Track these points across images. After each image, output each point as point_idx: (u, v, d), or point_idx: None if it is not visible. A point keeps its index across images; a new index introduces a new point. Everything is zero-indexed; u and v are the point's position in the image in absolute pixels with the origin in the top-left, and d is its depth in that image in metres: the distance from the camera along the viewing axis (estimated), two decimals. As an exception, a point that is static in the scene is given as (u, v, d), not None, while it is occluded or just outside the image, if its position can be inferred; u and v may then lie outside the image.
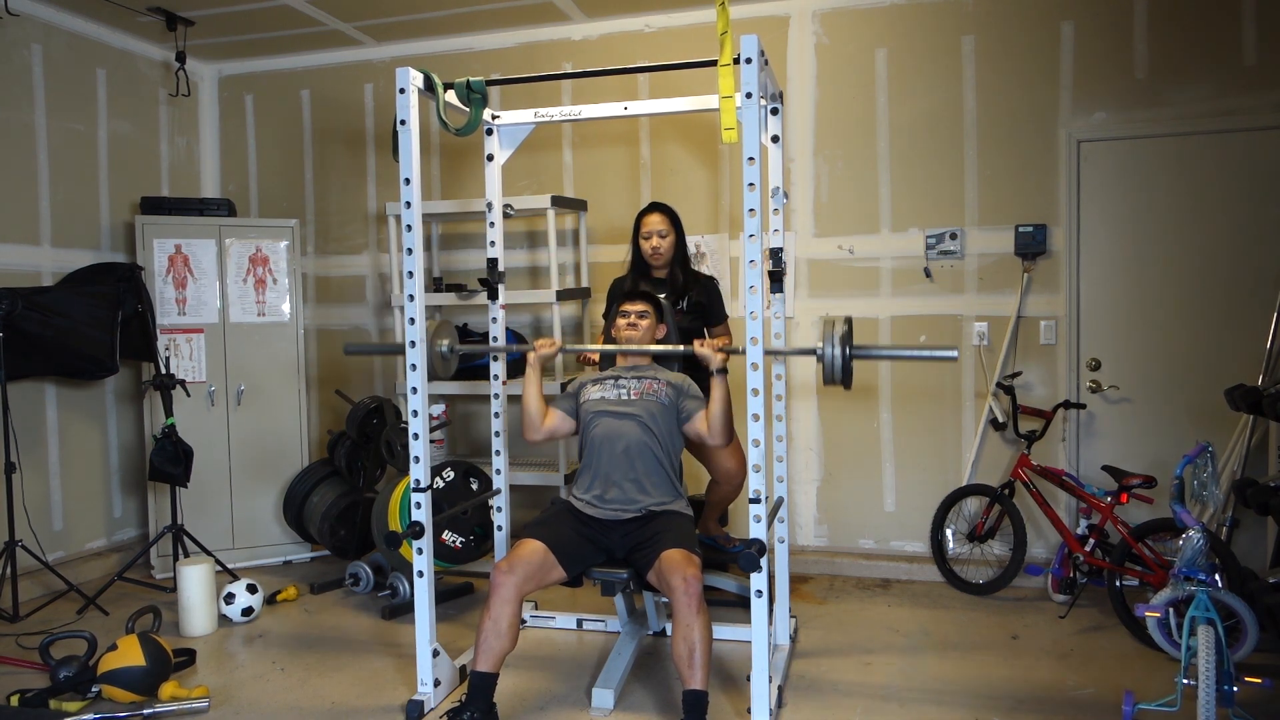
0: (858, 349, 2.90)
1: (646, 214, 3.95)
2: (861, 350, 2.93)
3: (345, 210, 5.52)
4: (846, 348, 2.85)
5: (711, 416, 3.22)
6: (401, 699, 3.24)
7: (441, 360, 3.41)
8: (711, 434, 3.24)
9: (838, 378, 2.88)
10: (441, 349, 3.40)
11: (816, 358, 2.91)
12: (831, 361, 2.86)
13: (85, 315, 4.35)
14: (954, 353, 2.91)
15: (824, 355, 2.88)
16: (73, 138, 4.83)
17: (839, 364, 2.86)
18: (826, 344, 2.87)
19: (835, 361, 2.86)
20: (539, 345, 3.43)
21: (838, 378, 2.88)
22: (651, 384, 3.34)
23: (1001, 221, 4.45)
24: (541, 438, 3.41)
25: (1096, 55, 4.29)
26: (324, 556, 5.02)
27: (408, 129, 3.08)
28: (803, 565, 4.66)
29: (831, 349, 2.86)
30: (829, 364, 2.87)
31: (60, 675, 3.23)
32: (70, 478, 4.77)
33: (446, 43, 5.21)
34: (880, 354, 3.44)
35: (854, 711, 3.13)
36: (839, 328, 2.88)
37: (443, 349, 3.41)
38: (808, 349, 3.02)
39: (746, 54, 2.74)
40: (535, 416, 3.38)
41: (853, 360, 2.87)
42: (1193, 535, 2.89)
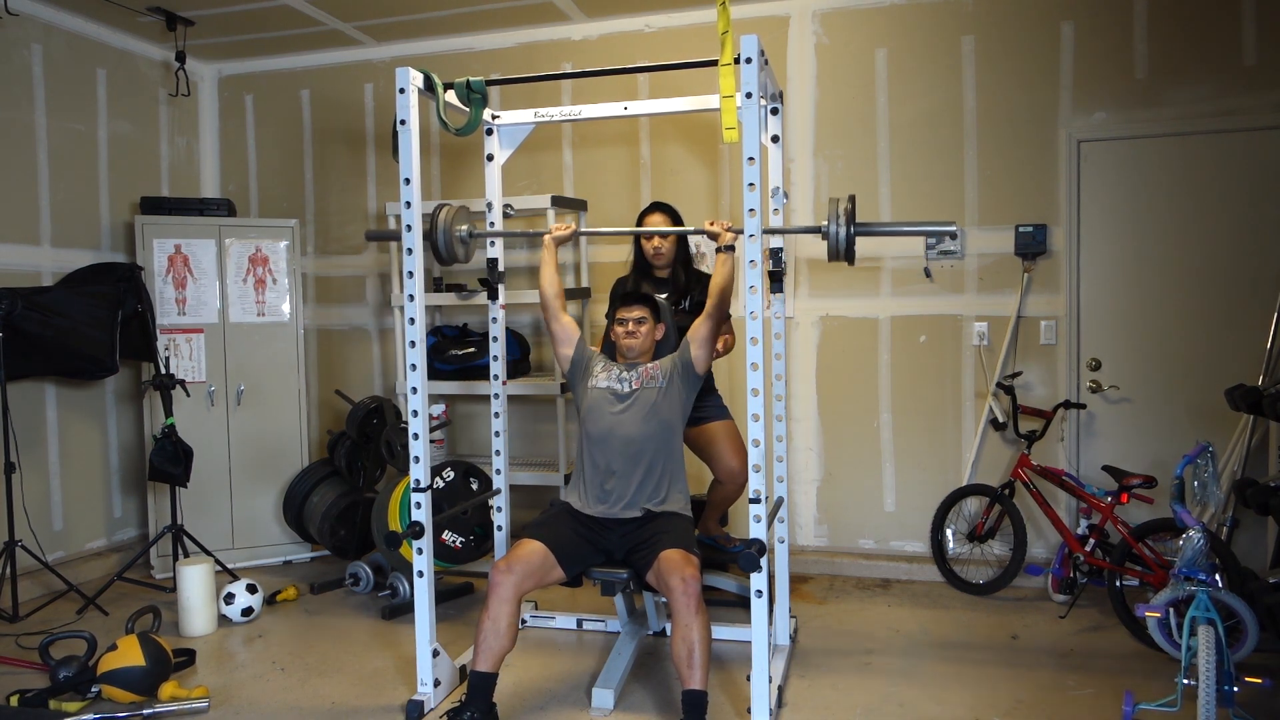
0: (860, 225, 3.07)
1: (648, 214, 3.95)
2: (864, 226, 3.11)
3: (345, 210, 5.52)
4: (850, 224, 3.02)
5: (714, 286, 3.25)
6: (401, 699, 3.24)
7: (461, 245, 3.48)
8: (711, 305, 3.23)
9: (842, 252, 3.05)
10: (460, 233, 3.48)
11: (821, 235, 3.06)
12: (836, 236, 3.02)
13: (85, 315, 4.35)
14: (953, 226, 3.08)
15: (829, 232, 3.04)
16: (73, 138, 4.83)
17: (843, 238, 3.02)
18: (831, 221, 3.03)
19: (839, 236, 3.02)
20: (554, 229, 3.51)
21: (842, 252, 3.05)
22: (649, 370, 3.33)
23: (1001, 221, 4.45)
24: (553, 308, 3.44)
25: (1096, 55, 4.29)
26: (324, 556, 5.02)
27: (408, 129, 3.08)
28: (803, 565, 4.66)
29: (836, 225, 3.02)
30: (833, 239, 3.03)
31: (60, 675, 3.23)
32: (70, 478, 4.77)
33: (446, 43, 5.21)
34: (882, 230, 3.68)
35: (854, 711, 3.13)
36: (843, 205, 3.03)
37: (461, 233, 3.49)
38: (813, 227, 3.17)
39: (747, 54, 2.74)
40: (552, 298, 3.44)
41: (856, 235, 3.03)
42: (1193, 535, 2.89)
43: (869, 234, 3.25)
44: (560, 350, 3.45)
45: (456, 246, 3.46)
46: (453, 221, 3.46)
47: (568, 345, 3.43)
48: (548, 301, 3.45)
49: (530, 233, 3.63)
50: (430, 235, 3.42)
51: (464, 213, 3.54)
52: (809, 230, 3.21)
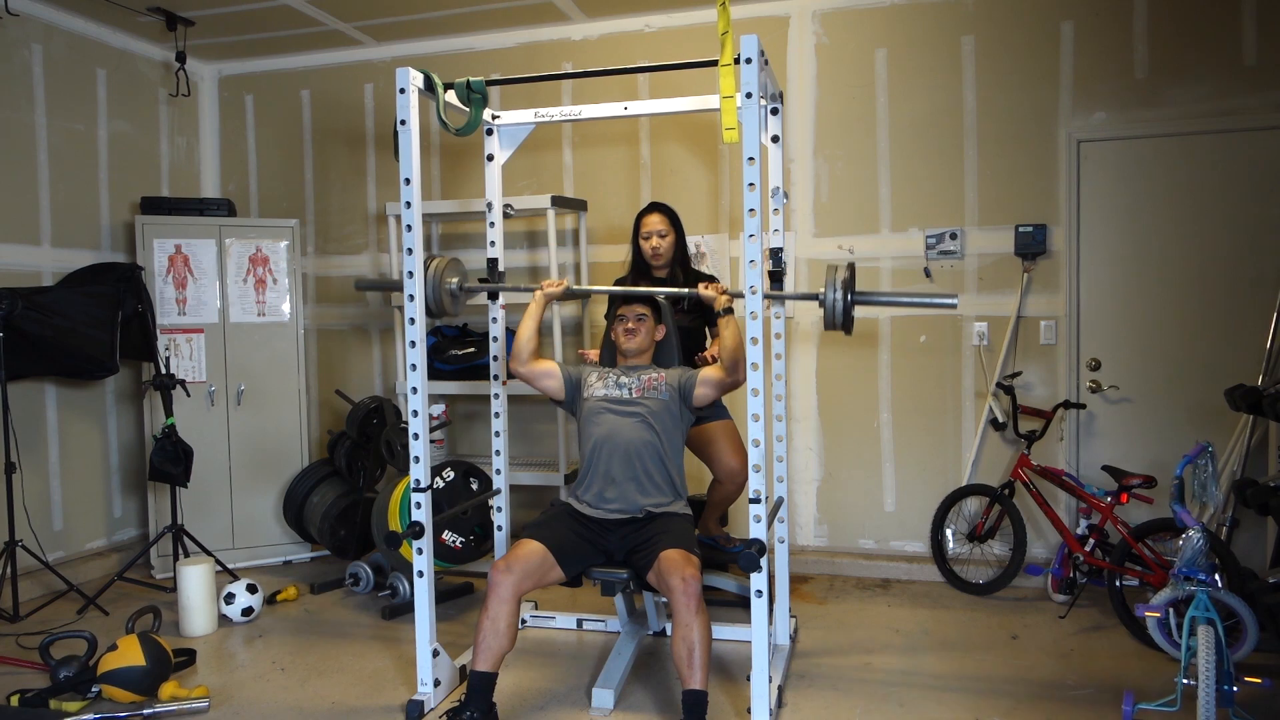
0: (859, 294, 2.97)
1: (646, 214, 3.95)
2: (863, 295, 3.01)
3: (345, 210, 5.52)
4: (849, 293, 2.93)
5: (723, 350, 3.17)
6: (401, 699, 3.25)
7: (450, 298, 3.39)
8: (725, 368, 3.17)
9: (839, 322, 2.95)
10: (450, 286, 3.40)
11: (819, 302, 2.97)
12: (833, 306, 2.93)
13: (85, 315, 4.35)
14: (954, 300, 3.00)
15: (826, 300, 2.94)
16: (73, 138, 4.83)
17: (840, 309, 2.92)
18: (829, 289, 2.94)
19: (837, 306, 2.93)
20: (545, 284, 3.43)
21: (839, 322, 2.95)
22: (652, 379, 3.33)
23: (1001, 221, 4.45)
24: (523, 372, 3.36)
25: (1096, 55, 4.29)
26: (324, 556, 5.02)
27: (408, 129, 3.08)
28: (803, 565, 4.66)
29: (834, 294, 2.93)
30: (830, 309, 2.93)
31: (60, 675, 3.24)
32: (70, 478, 4.78)
33: (446, 43, 5.21)
34: (881, 299, 3.57)
35: (854, 711, 3.13)
36: (841, 273, 2.95)
37: (451, 286, 3.41)
38: (810, 294, 3.08)
39: (747, 54, 2.74)
40: (524, 348, 3.34)
41: (854, 305, 2.94)
42: (1193, 535, 2.89)
43: (867, 303, 3.15)
44: (543, 385, 3.40)
45: (446, 300, 3.36)
46: (443, 274, 3.34)
47: (549, 378, 3.40)
48: (519, 350, 3.33)
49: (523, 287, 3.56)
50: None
51: (455, 265, 3.44)
52: (807, 297, 3.12)
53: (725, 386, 3.24)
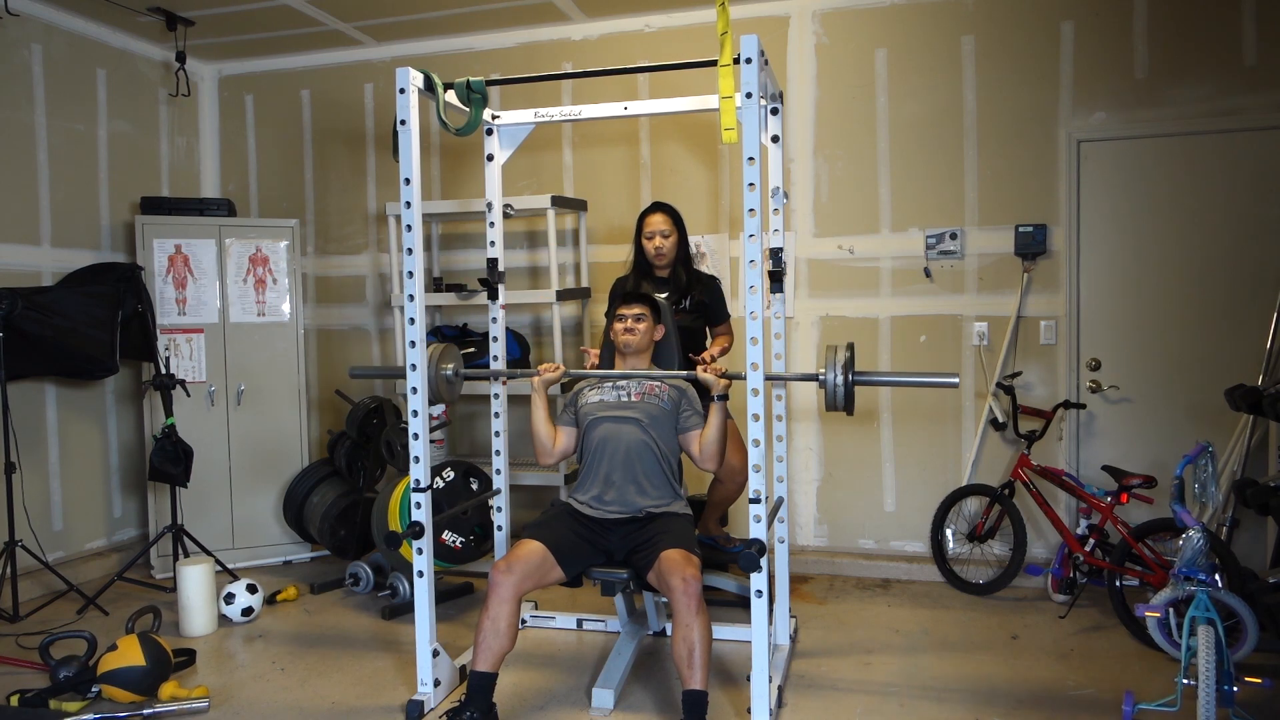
0: (859, 375, 2.93)
1: (649, 214, 3.95)
2: (863, 376, 2.96)
3: (345, 210, 5.52)
4: (849, 374, 2.90)
5: (705, 441, 3.20)
6: (401, 699, 3.25)
7: (446, 384, 3.39)
8: (702, 458, 3.23)
9: (840, 404, 2.91)
10: (446, 373, 3.39)
11: (819, 384, 2.94)
12: (834, 388, 2.90)
13: (85, 315, 4.35)
14: (955, 379, 2.94)
15: (826, 382, 2.91)
16: (73, 138, 4.83)
17: (841, 392, 2.89)
18: (829, 370, 2.90)
19: (838, 389, 2.89)
20: (543, 369, 3.37)
21: (840, 404, 2.91)
22: (653, 386, 3.34)
23: (1001, 221, 4.45)
24: (555, 460, 3.41)
25: (1096, 55, 4.29)
26: (324, 556, 5.02)
27: (408, 129, 3.08)
28: (803, 565, 4.66)
29: (834, 376, 2.90)
30: (831, 390, 2.90)
31: (60, 675, 3.24)
32: (70, 478, 4.77)
33: (446, 43, 5.21)
34: (882, 380, 3.47)
35: (854, 711, 3.13)
36: (840, 355, 2.92)
37: (447, 373, 3.40)
38: (810, 375, 3.03)
39: (746, 54, 2.74)
40: (546, 442, 3.38)
41: (855, 386, 2.91)
42: (1193, 535, 2.89)
43: (868, 384, 3.11)
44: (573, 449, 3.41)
45: (443, 387, 3.35)
46: (439, 360, 3.34)
47: (573, 438, 3.41)
48: (542, 447, 3.37)
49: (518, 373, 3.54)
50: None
51: (450, 351, 3.44)
52: (807, 378, 3.08)
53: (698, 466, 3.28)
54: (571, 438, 3.41)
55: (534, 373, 3.39)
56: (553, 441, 3.38)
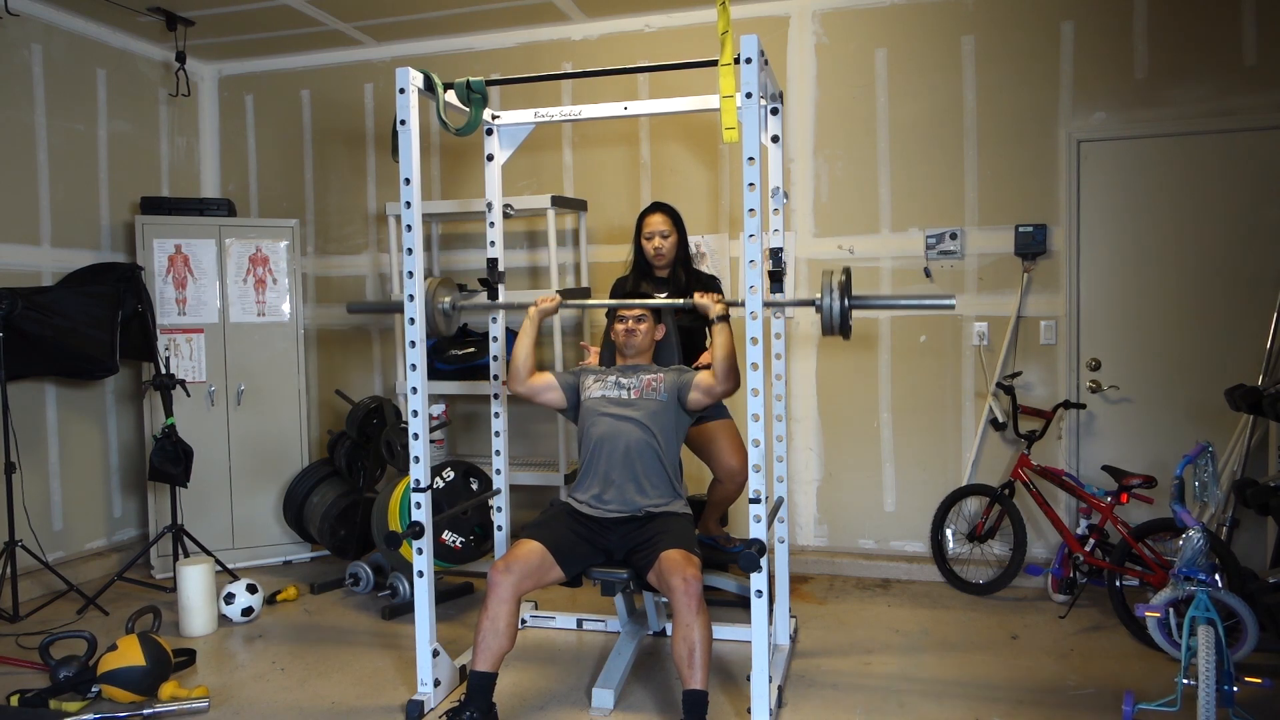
0: (856, 298, 2.95)
1: (649, 214, 3.95)
2: (860, 299, 2.99)
3: (345, 210, 5.52)
4: (845, 298, 2.91)
5: (715, 359, 3.18)
6: (401, 699, 3.24)
7: (443, 317, 3.40)
8: (720, 379, 3.17)
9: (837, 327, 2.93)
10: (443, 306, 3.40)
11: (815, 308, 2.96)
12: (830, 311, 2.91)
13: (85, 315, 4.35)
14: (952, 300, 2.97)
15: (822, 305, 2.93)
16: (73, 138, 4.83)
17: (838, 313, 2.91)
18: (825, 294, 2.93)
19: (834, 311, 2.91)
20: (540, 300, 3.43)
21: (837, 327, 2.93)
22: (650, 381, 3.34)
23: (1001, 221, 4.45)
24: (523, 391, 3.38)
25: (1096, 55, 4.29)
26: (324, 556, 5.02)
27: (408, 129, 3.08)
28: (803, 565, 4.66)
29: (830, 299, 2.91)
30: (828, 313, 2.92)
31: (60, 675, 3.24)
32: (70, 478, 4.77)
33: (446, 43, 5.21)
34: (877, 303, 3.49)
35: (854, 711, 3.13)
36: (837, 277, 2.93)
37: (444, 306, 3.41)
38: (807, 300, 3.06)
39: (747, 54, 2.74)
40: (521, 367, 3.36)
41: (851, 309, 2.93)
42: (1193, 535, 2.89)
43: (864, 307, 3.15)
44: (545, 399, 3.41)
45: (439, 320, 3.37)
46: (435, 293, 3.35)
47: (549, 391, 3.40)
48: (516, 370, 3.36)
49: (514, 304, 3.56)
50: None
51: (447, 284, 3.45)
52: (803, 303, 3.11)
53: (717, 394, 3.24)
54: (553, 391, 3.39)
55: (531, 303, 3.44)
56: (528, 371, 3.37)
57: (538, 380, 3.39)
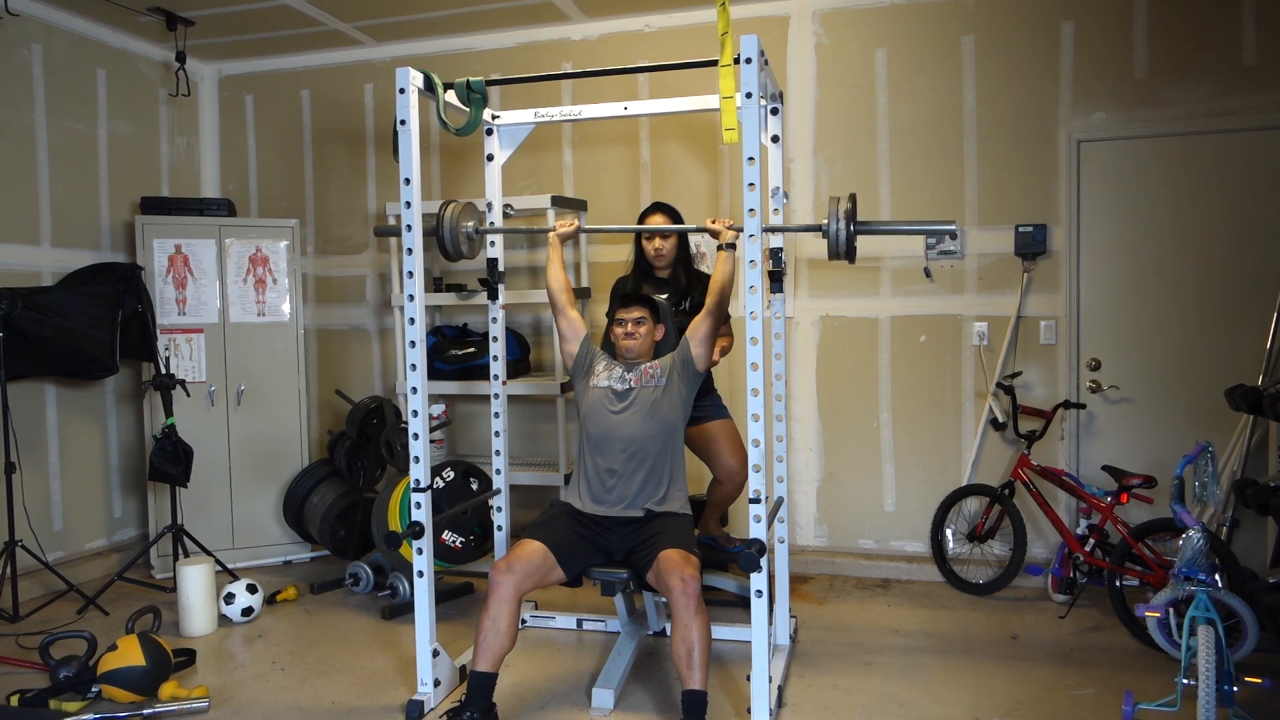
0: (860, 224, 3.05)
1: (649, 215, 3.95)
2: (864, 225, 3.08)
3: (345, 210, 5.52)
4: (850, 223, 3.00)
5: (714, 283, 3.25)
6: (401, 699, 3.25)
7: (467, 240, 3.51)
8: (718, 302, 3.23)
9: (842, 251, 3.03)
10: (466, 229, 3.51)
11: (821, 233, 3.05)
12: (836, 235, 3.00)
13: (85, 315, 4.35)
14: (953, 225, 3.06)
15: (829, 230, 3.02)
16: (73, 138, 4.83)
17: (843, 238, 3.00)
18: (831, 220, 3.01)
19: (840, 235, 3.00)
20: (559, 225, 3.52)
21: (842, 251, 3.03)
22: (648, 370, 3.33)
23: (1001, 221, 4.45)
24: (562, 324, 3.46)
25: (1096, 55, 4.29)
26: (324, 556, 5.02)
27: (408, 129, 3.08)
28: (803, 565, 4.66)
29: (836, 224, 3.00)
30: (834, 238, 3.01)
31: (60, 675, 3.24)
32: (70, 478, 4.77)
33: (446, 43, 5.21)
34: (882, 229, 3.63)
35: (854, 711, 3.13)
36: (843, 204, 3.02)
37: (467, 229, 3.52)
38: (814, 225, 3.15)
39: (746, 54, 2.74)
40: (559, 292, 3.47)
41: (856, 235, 3.02)
42: (1193, 535, 2.89)
43: (869, 233, 3.24)
44: (566, 347, 3.47)
45: (463, 242, 3.49)
46: (459, 217, 3.48)
47: (573, 342, 3.45)
48: (555, 297, 3.48)
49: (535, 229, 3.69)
50: (437, 231, 3.45)
51: (470, 209, 3.57)
52: (809, 229, 3.21)
53: (712, 330, 3.27)
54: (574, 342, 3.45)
55: (551, 229, 3.55)
56: (568, 302, 3.47)
57: (575, 320, 3.47)
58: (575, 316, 3.47)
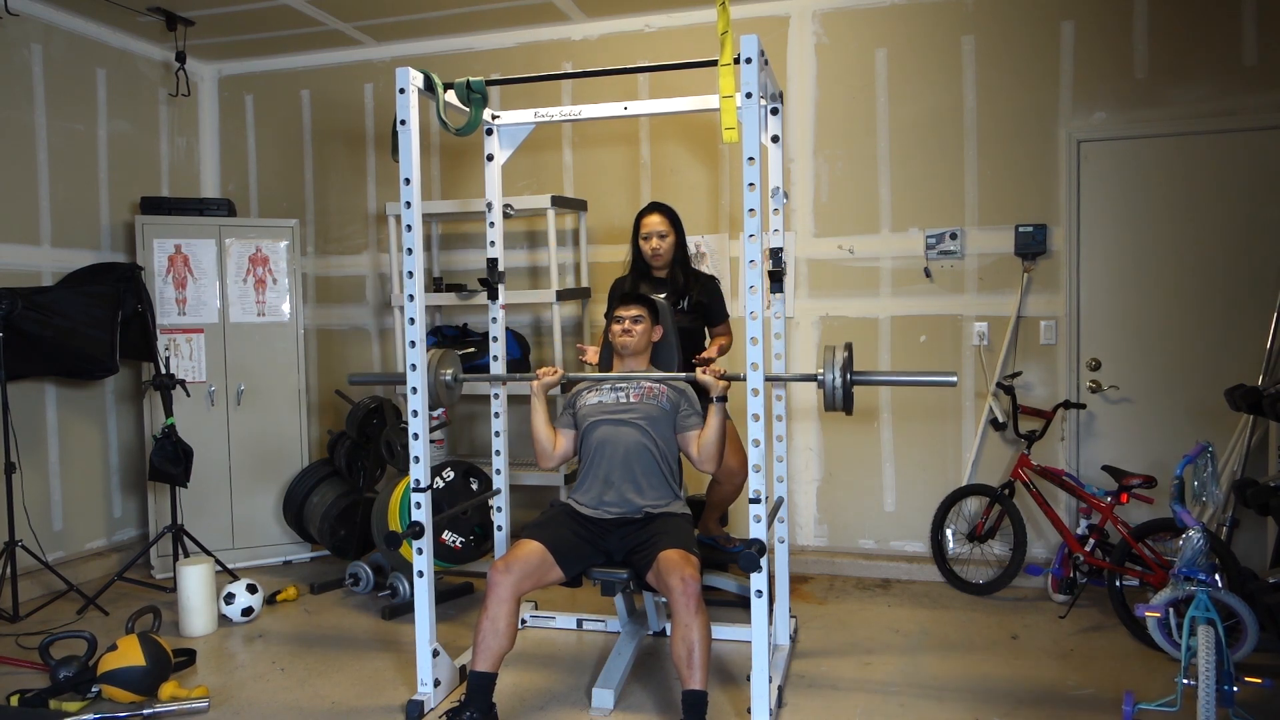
0: (858, 374, 2.95)
1: (646, 214, 3.95)
2: (862, 376, 2.98)
3: (345, 210, 5.52)
4: (847, 374, 2.91)
5: (704, 443, 3.20)
6: (401, 699, 3.25)
7: (446, 389, 3.42)
8: (701, 460, 3.22)
9: (839, 404, 2.93)
10: (445, 378, 3.41)
11: (818, 384, 2.95)
12: (833, 388, 2.91)
13: (85, 315, 4.35)
14: (953, 378, 2.94)
15: (825, 382, 2.92)
16: (73, 138, 4.83)
17: (840, 391, 2.91)
18: (828, 370, 2.92)
19: (836, 388, 2.91)
20: (541, 374, 3.38)
21: (839, 404, 2.93)
22: (652, 388, 3.33)
23: (1001, 221, 4.45)
24: (556, 464, 3.42)
25: (1096, 55, 4.29)
26: (324, 556, 5.02)
27: (408, 129, 3.08)
28: (803, 565, 4.66)
29: (833, 376, 2.91)
30: (830, 390, 2.92)
31: (60, 675, 3.24)
32: (70, 478, 4.77)
33: (446, 43, 5.21)
34: (880, 380, 3.47)
35: (854, 711, 3.13)
36: (839, 355, 2.93)
37: (446, 378, 3.42)
38: (809, 375, 3.05)
39: (746, 54, 2.74)
40: (546, 445, 3.39)
41: (854, 385, 2.92)
42: (1193, 535, 2.89)
43: (866, 384, 3.14)
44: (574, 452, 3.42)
45: (442, 391, 3.38)
46: (437, 367, 3.36)
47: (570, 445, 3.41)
48: (543, 451, 3.39)
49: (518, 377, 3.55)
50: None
51: (449, 357, 3.47)
52: (806, 378, 3.09)
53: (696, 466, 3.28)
54: (571, 440, 3.41)
55: (533, 377, 3.39)
56: (553, 445, 3.39)
57: (561, 447, 3.40)
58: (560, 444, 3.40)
